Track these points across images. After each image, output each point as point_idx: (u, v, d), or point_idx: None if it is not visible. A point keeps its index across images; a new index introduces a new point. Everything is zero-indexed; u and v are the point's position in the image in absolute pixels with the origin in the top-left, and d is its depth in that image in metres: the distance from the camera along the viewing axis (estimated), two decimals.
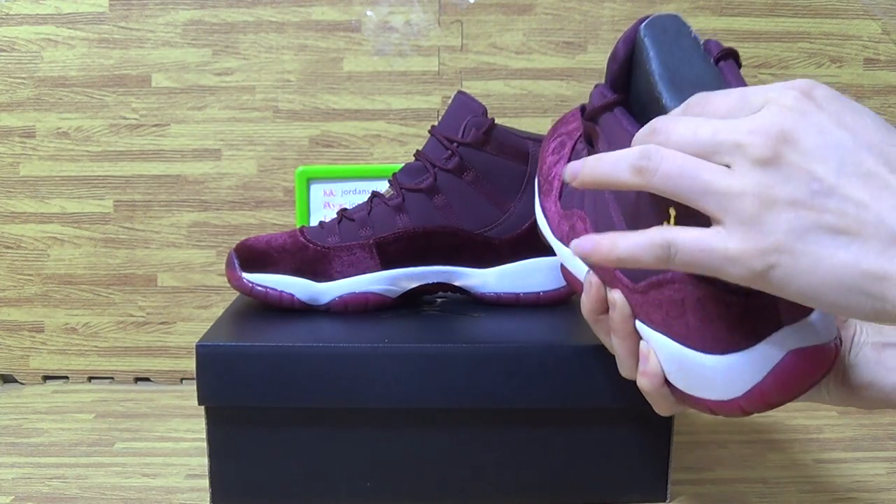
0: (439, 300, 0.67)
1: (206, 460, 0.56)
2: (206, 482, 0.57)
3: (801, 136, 0.31)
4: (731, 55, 0.40)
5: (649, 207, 0.40)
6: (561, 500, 0.57)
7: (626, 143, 0.39)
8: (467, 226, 0.63)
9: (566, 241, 0.49)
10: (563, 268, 0.51)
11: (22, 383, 0.86)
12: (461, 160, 0.62)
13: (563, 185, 0.51)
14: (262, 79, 0.82)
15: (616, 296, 0.43)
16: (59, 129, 0.83)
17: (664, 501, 0.58)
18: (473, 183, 0.62)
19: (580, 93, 0.82)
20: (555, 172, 0.52)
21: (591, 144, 0.47)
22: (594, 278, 0.45)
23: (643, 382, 0.43)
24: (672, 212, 0.38)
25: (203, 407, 0.55)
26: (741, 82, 0.39)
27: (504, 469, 0.57)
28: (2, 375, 0.86)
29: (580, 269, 0.48)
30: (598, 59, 0.81)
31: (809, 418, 0.74)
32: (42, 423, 0.74)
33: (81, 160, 0.83)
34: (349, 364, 0.54)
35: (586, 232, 0.46)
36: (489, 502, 0.58)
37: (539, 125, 0.82)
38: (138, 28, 0.82)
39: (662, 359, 0.42)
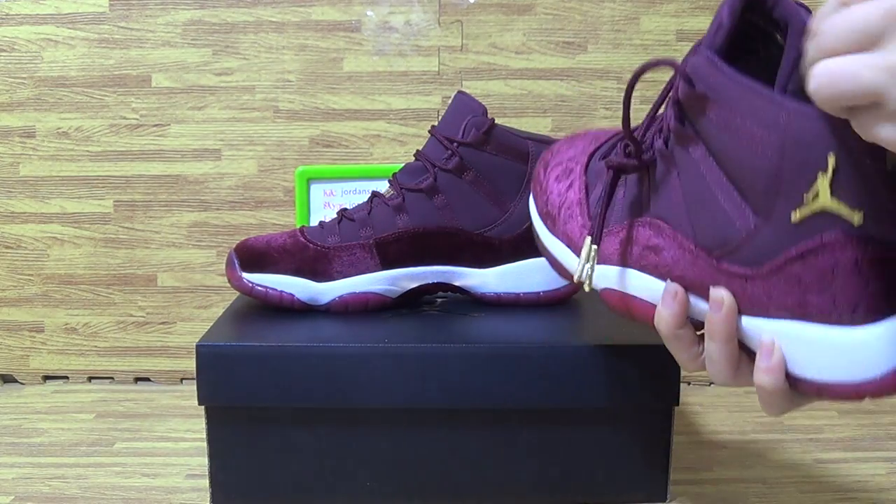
0: (439, 300, 0.67)
1: (206, 460, 0.56)
2: (206, 482, 0.57)
3: None
4: None
5: (796, 163, 0.36)
6: (561, 500, 0.57)
7: (752, 104, 0.36)
8: (467, 226, 0.63)
9: (619, 262, 0.46)
10: (607, 292, 0.47)
11: (22, 383, 0.86)
12: (461, 160, 0.62)
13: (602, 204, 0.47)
14: (262, 79, 0.82)
15: (723, 293, 0.40)
16: (59, 129, 0.83)
17: (664, 501, 0.58)
18: (473, 183, 0.62)
19: (580, 93, 0.82)
20: (569, 199, 0.50)
21: (682, 122, 0.42)
22: (678, 288, 0.42)
23: (766, 380, 0.39)
24: (831, 160, 0.34)
25: (203, 407, 0.55)
26: None
27: (504, 469, 0.57)
28: (2, 375, 0.86)
29: (643, 287, 0.45)
30: (598, 58, 0.81)
31: (809, 418, 0.74)
32: (42, 423, 0.74)
33: (81, 160, 0.83)
34: (349, 364, 0.54)
35: (660, 237, 0.43)
36: (489, 502, 0.58)
37: (539, 125, 0.82)
38: (138, 28, 0.82)
39: (788, 348, 0.39)
